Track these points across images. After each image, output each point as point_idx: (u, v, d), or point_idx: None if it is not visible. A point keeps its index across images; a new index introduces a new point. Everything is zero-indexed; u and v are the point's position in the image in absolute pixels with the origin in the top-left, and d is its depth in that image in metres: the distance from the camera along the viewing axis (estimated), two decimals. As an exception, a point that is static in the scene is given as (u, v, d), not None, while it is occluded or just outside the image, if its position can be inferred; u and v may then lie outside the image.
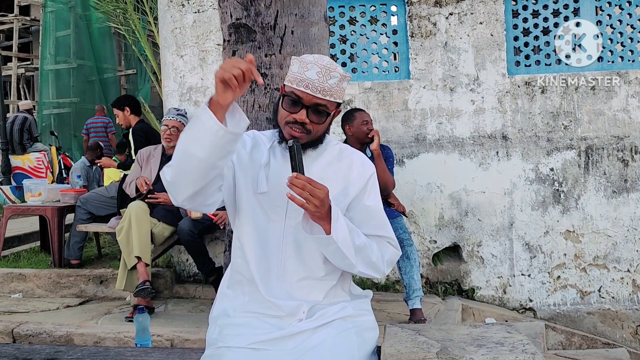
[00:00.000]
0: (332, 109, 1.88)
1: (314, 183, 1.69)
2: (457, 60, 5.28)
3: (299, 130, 1.84)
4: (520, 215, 5.26)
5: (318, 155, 1.93)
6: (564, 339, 5.11)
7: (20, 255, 5.77)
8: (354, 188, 1.93)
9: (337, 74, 1.84)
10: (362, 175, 1.95)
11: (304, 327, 1.82)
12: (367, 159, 2.03)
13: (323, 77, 1.82)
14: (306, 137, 1.86)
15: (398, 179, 4.62)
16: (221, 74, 1.61)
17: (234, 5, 2.85)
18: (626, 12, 5.34)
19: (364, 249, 1.83)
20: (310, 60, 1.84)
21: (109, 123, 10.94)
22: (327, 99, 1.84)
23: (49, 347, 2.50)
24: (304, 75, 1.82)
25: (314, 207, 1.69)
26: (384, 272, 1.92)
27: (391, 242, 1.96)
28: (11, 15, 17.40)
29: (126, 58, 15.19)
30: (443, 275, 5.32)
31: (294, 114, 1.84)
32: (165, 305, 4.67)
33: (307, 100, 1.82)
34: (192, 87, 5.22)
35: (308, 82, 1.81)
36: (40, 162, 10.65)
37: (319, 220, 1.74)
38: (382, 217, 1.97)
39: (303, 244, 1.88)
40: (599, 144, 5.28)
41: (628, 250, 5.26)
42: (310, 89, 1.81)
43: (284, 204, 1.86)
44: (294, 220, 1.86)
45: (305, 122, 1.83)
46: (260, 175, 1.89)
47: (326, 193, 1.70)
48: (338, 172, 1.93)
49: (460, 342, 1.84)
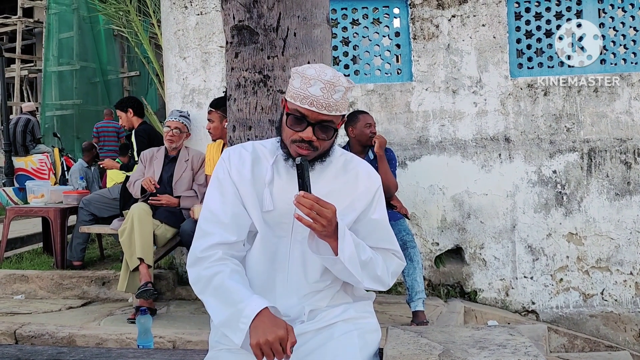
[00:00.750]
0: (338, 123, 1.83)
1: (321, 202, 1.66)
2: (459, 63, 5.28)
3: (306, 148, 1.79)
4: (523, 217, 5.25)
5: (324, 169, 1.89)
6: (566, 342, 5.10)
7: (22, 257, 5.78)
8: (360, 203, 1.90)
9: (342, 88, 1.78)
10: (369, 188, 1.92)
11: (306, 329, 1.82)
12: (373, 169, 2.00)
13: (327, 93, 1.76)
14: (313, 154, 1.82)
15: (400, 181, 4.62)
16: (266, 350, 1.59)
17: (237, 8, 2.85)
18: (629, 14, 5.33)
19: (370, 264, 1.82)
20: (312, 75, 1.76)
21: (120, 127, 10.90)
22: (332, 114, 1.78)
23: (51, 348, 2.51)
24: (307, 92, 1.75)
25: (321, 226, 1.67)
26: (389, 284, 1.91)
27: (396, 254, 1.95)
28: (15, 17, 17.45)
29: (129, 60, 15.22)
30: (445, 278, 5.31)
31: (300, 133, 1.78)
32: (167, 306, 4.67)
33: (313, 117, 1.76)
34: (194, 89, 5.23)
35: (312, 99, 1.75)
36: (43, 163, 10.68)
37: (326, 238, 1.72)
38: (388, 229, 1.95)
39: (308, 258, 1.86)
40: (602, 146, 5.27)
41: (631, 253, 5.25)
42: (315, 106, 1.75)
43: (290, 220, 1.84)
44: (300, 234, 1.85)
45: (312, 140, 1.78)
46: (265, 193, 1.86)
47: (334, 212, 1.68)
48: (345, 185, 1.90)
49: (462, 345, 1.84)
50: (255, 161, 1.91)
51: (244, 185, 1.88)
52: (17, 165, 10.63)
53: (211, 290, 1.74)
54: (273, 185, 1.87)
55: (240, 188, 1.88)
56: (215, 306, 1.72)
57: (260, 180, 1.88)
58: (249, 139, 2.78)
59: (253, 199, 1.87)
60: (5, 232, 5.57)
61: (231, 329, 1.66)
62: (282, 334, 1.59)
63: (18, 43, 17.33)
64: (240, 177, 1.88)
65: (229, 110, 2.92)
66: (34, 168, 10.64)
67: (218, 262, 1.78)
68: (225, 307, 1.68)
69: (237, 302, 1.66)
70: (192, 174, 4.73)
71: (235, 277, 1.75)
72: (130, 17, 9.00)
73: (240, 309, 1.64)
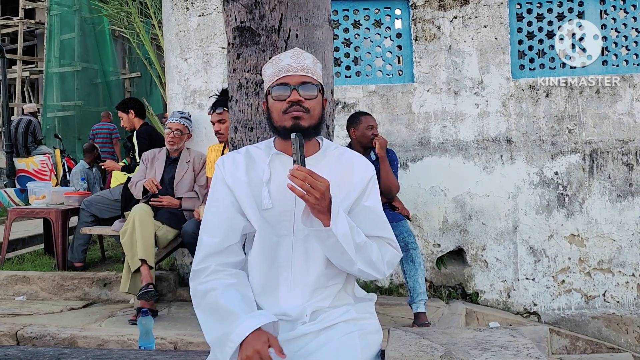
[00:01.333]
0: (319, 88, 1.91)
1: (314, 175, 1.69)
2: (461, 64, 5.28)
3: (298, 110, 1.86)
4: (525, 219, 5.25)
5: (318, 161, 1.92)
6: (568, 344, 5.09)
7: (24, 258, 5.78)
8: (355, 191, 1.93)
9: (309, 55, 1.94)
10: (363, 178, 1.95)
11: (308, 330, 1.82)
12: (367, 160, 2.03)
13: (298, 59, 1.91)
14: (308, 118, 1.87)
15: (402, 183, 4.61)
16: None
17: (239, 9, 2.85)
18: (631, 15, 5.33)
19: (364, 248, 1.83)
20: (278, 56, 1.95)
21: (114, 129, 10.90)
22: (310, 75, 1.89)
23: (52, 350, 2.51)
24: (280, 66, 1.90)
25: (314, 199, 1.69)
26: (385, 272, 1.91)
27: (391, 244, 1.95)
28: (16, 19, 17.47)
29: (130, 61, 15.24)
30: (447, 279, 5.30)
31: (287, 99, 1.86)
32: (168, 308, 4.67)
33: (294, 81, 1.87)
34: (196, 90, 5.23)
35: (287, 67, 1.89)
36: (45, 165, 10.69)
37: (319, 214, 1.73)
38: (382, 218, 1.96)
39: (311, 256, 1.87)
40: (604, 147, 5.27)
41: (633, 255, 5.24)
42: (292, 70, 1.88)
43: (291, 217, 1.87)
44: (302, 232, 1.86)
45: (300, 100, 1.86)
46: (263, 192, 1.89)
47: (327, 186, 1.71)
48: (340, 177, 1.92)
49: (464, 346, 1.83)
50: (249, 164, 1.95)
51: (240, 188, 1.90)
52: (18, 166, 10.64)
53: (204, 307, 1.81)
54: (270, 184, 1.90)
55: (236, 191, 1.90)
56: (207, 324, 1.79)
57: (255, 181, 1.91)
58: (251, 140, 2.78)
59: (250, 200, 1.89)
60: (6, 234, 5.57)
61: (219, 350, 1.72)
62: (259, 346, 1.64)
63: (19, 44, 17.36)
64: (235, 180, 1.91)
65: (230, 111, 2.92)
66: (35, 169, 10.65)
67: (212, 277, 1.84)
68: (216, 326, 1.75)
69: (227, 323, 1.72)
70: (193, 175, 4.73)
71: (228, 294, 1.78)
72: (132, 18, 9.01)
73: (228, 333, 1.69)
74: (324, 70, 2.90)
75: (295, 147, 1.74)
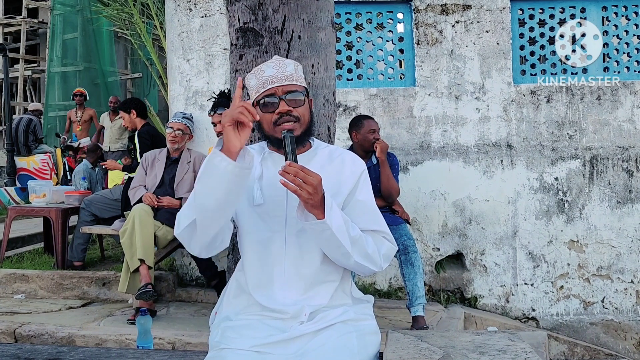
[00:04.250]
0: (304, 93, 1.93)
1: (306, 170, 1.71)
2: (462, 68, 5.28)
3: (288, 120, 1.88)
4: (524, 224, 5.25)
5: (310, 159, 1.95)
6: (566, 349, 5.08)
7: (23, 256, 5.77)
8: (346, 186, 1.95)
9: (290, 61, 1.96)
10: (354, 172, 1.97)
11: (306, 330, 1.82)
12: (357, 157, 2.06)
13: (280, 68, 1.92)
14: (299, 126, 1.90)
15: (402, 186, 4.62)
16: (236, 116, 1.67)
17: (242, 10, 2.86)
18: (632, 22, 5.34)
19: (360, 241, 1.84)
20: (260, 66, 1.95)
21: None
22: (294, 83, 1.91)
23: (51, 348, 2.51)
24: (263, 78, 1.91)
25: (307, 193, 1.70)
26: (382, 265, 1.92)
27: (386, 237, 1.96)
28: (19, 18, 17.48)
29: (132, 62, 15.23)
30: (446, 283, 5.30)
31: (276, 110, 1.89)
32: (167, 308, 4.67)
33: (280, 91, 1.89)
34: (198, 91, 5.24)
35: (271, 78, 1.90)
36: (45, 163, 10.67)
37: (313, 208, 1.74)
38: (375, 211, 1.98)
39: (305, 251, 1.89)
40: (604, 154, 5.27)
41: (632, 261, 5.24)
42: (277, 81, 1.89)
43: (283, 213, 1.89)
44: (295, 228, 1.88)
45: (289, 111, 1.88)
46: (254, 188, 1.91)
47: (319, 180, 1.72)
48: (331, 174, 1.94)
49: (462, 349, 1.83)
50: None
51: None
52: (19, 165, 10.63)
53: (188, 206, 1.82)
54: (262, 180, 1.93)
55: None
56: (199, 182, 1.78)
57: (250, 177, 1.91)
58: (252, 140, 2.78)
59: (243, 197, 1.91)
60: (6, 232, 5.57)
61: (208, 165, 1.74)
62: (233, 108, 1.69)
63: (22, 43, 17.35)
64: None
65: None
66: (36, 168, 10.64)
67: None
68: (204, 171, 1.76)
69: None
70: (193, 176, 4.72)
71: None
72: (134, 19, 9.03)
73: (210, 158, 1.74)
74: (326, 71, 2.92)
75: (286, 145, 1.76)
